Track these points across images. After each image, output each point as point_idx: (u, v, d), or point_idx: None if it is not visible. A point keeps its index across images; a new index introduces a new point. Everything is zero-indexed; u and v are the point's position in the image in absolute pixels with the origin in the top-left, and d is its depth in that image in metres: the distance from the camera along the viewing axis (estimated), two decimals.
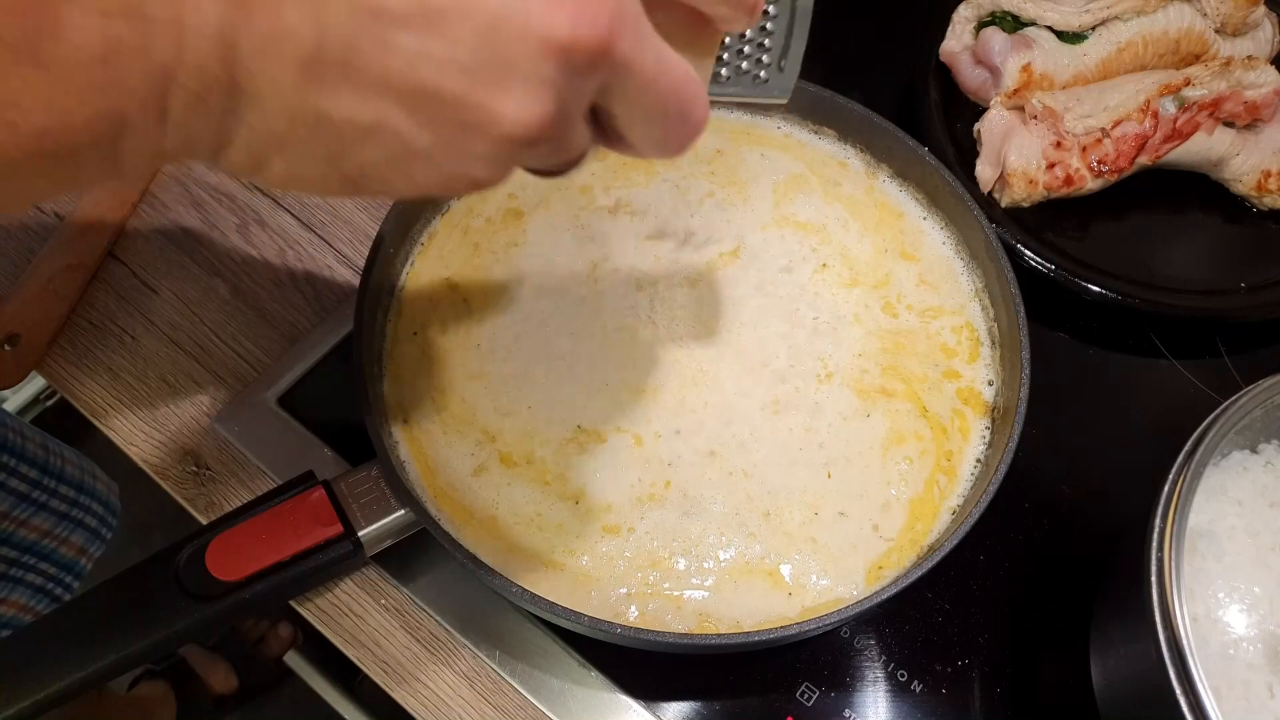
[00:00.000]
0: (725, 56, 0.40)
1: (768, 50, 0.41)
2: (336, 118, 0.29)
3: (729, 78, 0.41)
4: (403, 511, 0.55)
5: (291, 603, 0.60)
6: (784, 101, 0.41)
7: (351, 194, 0.33)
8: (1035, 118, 0.76)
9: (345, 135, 0.30)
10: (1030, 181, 0.75)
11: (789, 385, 0.61)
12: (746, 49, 0.41)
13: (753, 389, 0.60)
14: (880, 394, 0.61)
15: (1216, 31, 0.81)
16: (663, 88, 0.33)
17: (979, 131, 0.78)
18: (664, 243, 0.65)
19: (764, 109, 0.70)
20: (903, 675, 0.61)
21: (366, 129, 0.30)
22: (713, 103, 0.41)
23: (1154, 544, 0.50)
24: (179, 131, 0.29)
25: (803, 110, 0.70)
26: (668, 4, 0.35)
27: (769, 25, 0.40)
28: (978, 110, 0.80)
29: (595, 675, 0.60)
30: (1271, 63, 0.78)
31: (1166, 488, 0.51)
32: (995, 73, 0.79)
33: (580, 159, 0.36)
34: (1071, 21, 0.79)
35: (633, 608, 0.54)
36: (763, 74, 0.41)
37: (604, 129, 0.36)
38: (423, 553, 0.61)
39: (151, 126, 0.29)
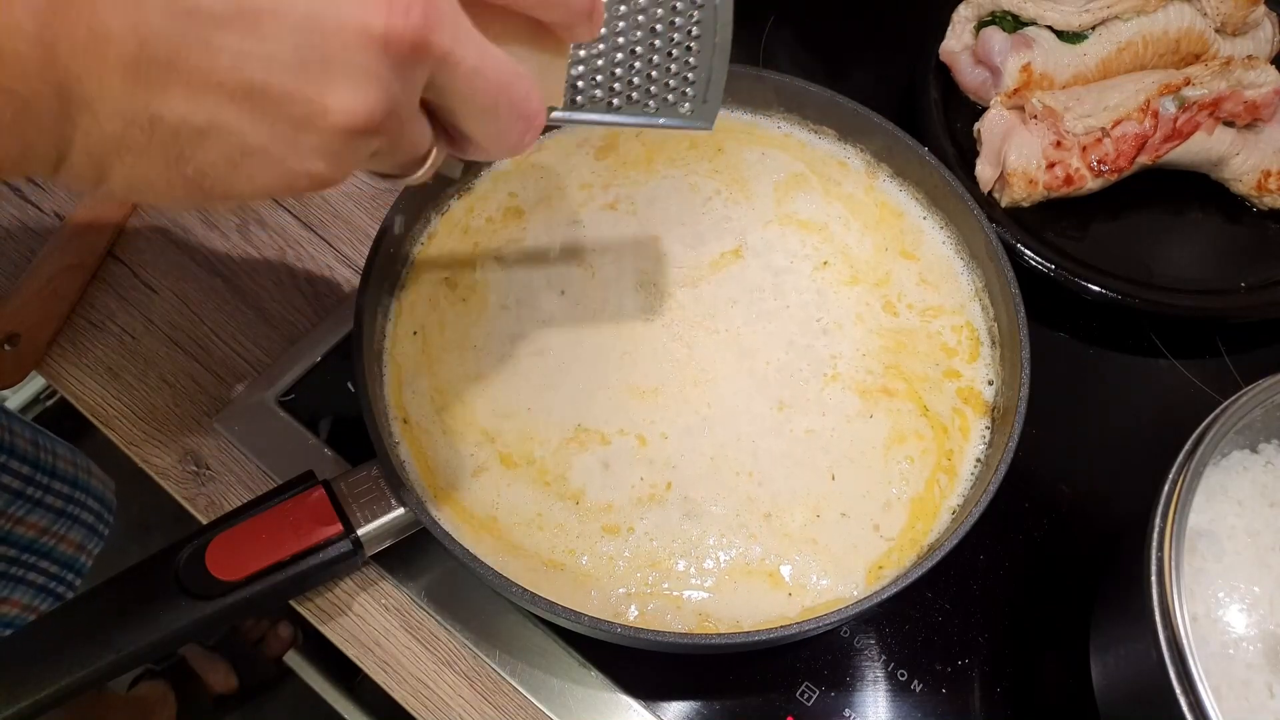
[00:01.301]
0: (655, 90, 0.44)
1: (692, 84, 0.44)
2: (171, 119, 0.30)
3: (657, 109, 0.44)
4: (403, 511, 0.55)
5: (291, 603, 0.60)
6: (709, 129, 0.45)
7: (197, 200, 0.34)
8: (1035, 117, 0.76)
9: (182, 136, 0.31)
10: (1030, 181, 0.75)
11: (792, 385, 0.61)
12: (673, 83, 0.44)
13: (755, 389, 0.60)
14: (882, 393, 0.61)
15: (1216, 31, 0.81)
16: (490, 81, 0.35)
17: (979, 131, 0.78)
18: (665, 241, 0.65)
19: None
20: (903, 675, 0.61)
21: (201, 129, 0.31)
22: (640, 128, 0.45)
23: (1154, 544, 0.50)
24: (13, 140, 0.29)
25: (803, 110, 0.70)
26: (504, 14, 0.37)
27: (692, 60, 0.44)
28: (978, 110, 0.80)
29: (595, 675, 0.60)
30: (1271, 62, 0.78)
31: (1166, 488, 0.51)
32: (995, 72, 0.79)
33: (425, 160, 0.38)
34: (1071, 21, 0.79)
35: (632, 607, 0.54)
36: (687, 106, 0.45)
37: (447, 130, 0.38)
38: (423, 553, 0.61)
39: None
